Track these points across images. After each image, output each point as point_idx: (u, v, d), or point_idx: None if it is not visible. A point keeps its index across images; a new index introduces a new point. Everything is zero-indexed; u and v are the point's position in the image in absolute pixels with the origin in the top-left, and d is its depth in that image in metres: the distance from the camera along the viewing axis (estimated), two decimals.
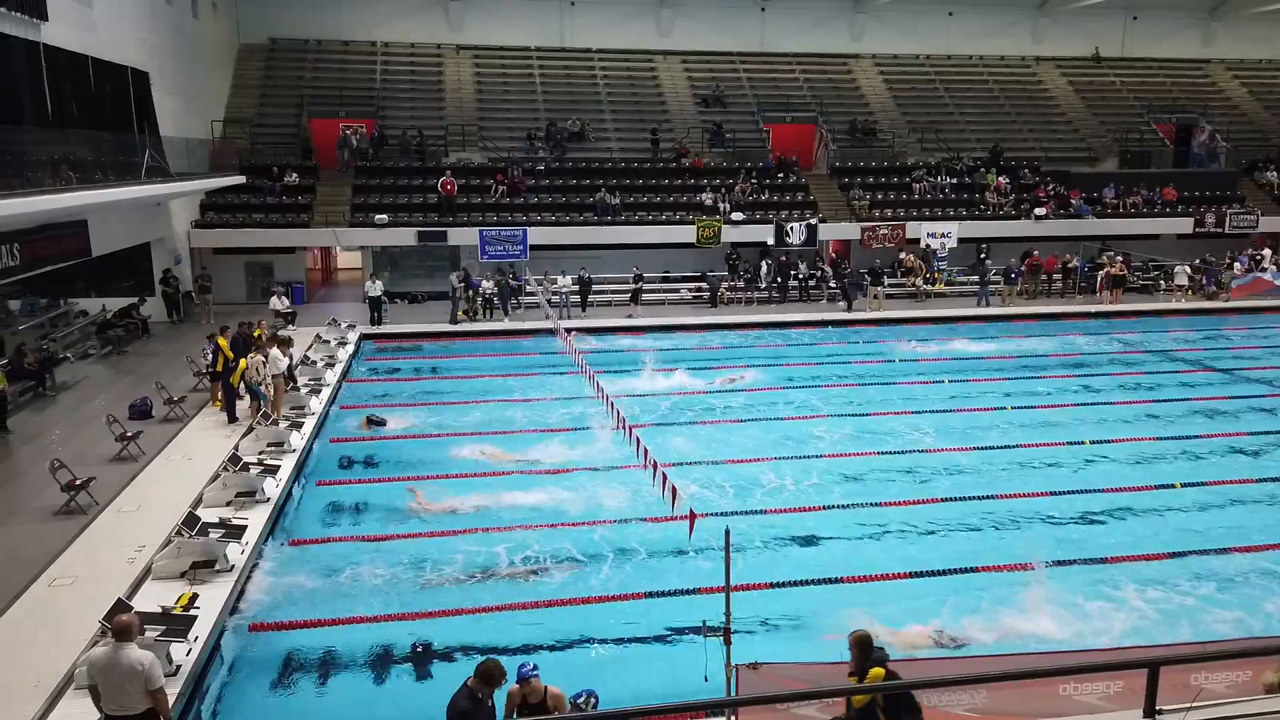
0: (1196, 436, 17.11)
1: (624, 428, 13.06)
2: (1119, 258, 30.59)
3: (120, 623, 7.35)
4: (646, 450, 11.57)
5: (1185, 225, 33.03)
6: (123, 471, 14.09)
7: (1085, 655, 8.54)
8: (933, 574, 11.63)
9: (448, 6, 36.47)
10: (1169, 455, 16.17)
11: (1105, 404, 19.37)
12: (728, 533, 7.54)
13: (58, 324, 23.46)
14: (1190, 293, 30.39)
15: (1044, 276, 30.96)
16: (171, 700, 7.94)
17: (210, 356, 17.28)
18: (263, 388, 16.43)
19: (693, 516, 9.62)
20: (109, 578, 10.56)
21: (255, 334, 18.58)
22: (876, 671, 6.67)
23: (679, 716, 7.52)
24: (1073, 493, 14.31)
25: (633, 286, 28.00)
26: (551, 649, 9.94)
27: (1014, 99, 39.07)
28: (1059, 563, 11.88)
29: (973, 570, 11.70)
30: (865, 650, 6.87)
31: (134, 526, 12.10)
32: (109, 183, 19.20)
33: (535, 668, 6.96)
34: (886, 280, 29.74)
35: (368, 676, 9.63)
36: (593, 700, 7.64)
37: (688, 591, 11.05)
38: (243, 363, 16.47)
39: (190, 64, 28.69)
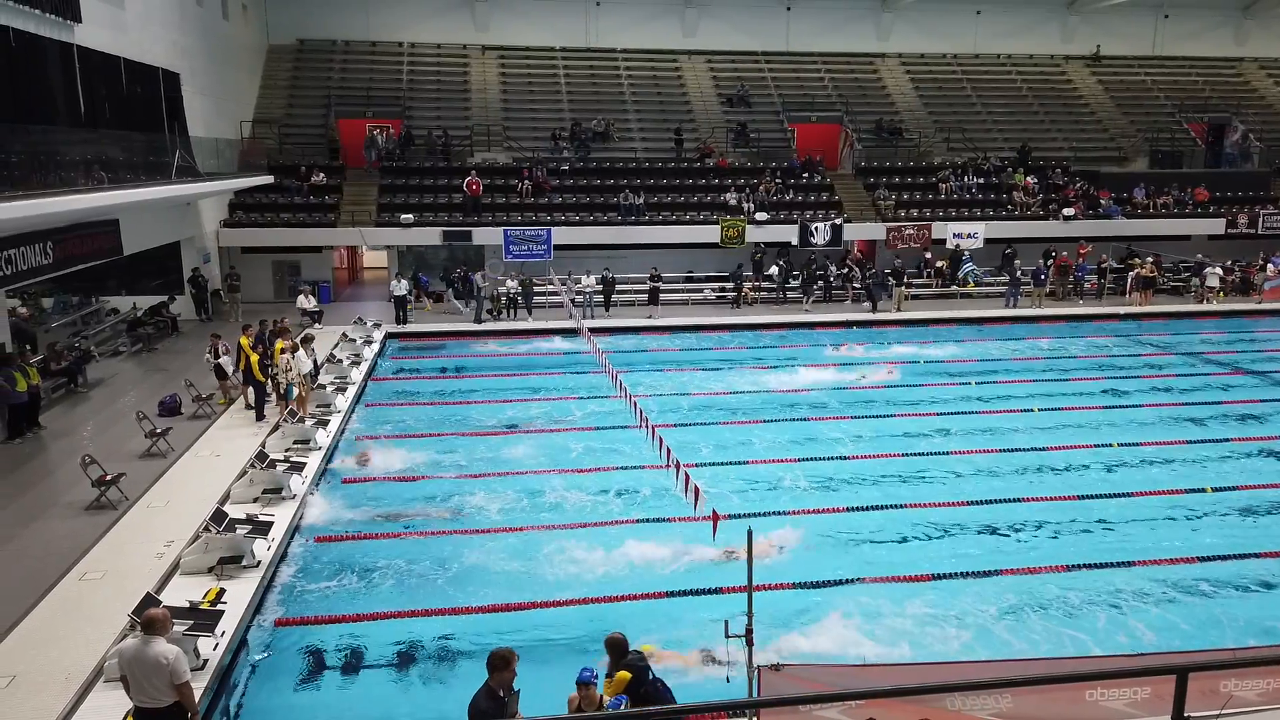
0: (1228, 440, 16.88)
1: (647, 427, 13.07)
2: (1149, 259, 30.22)
3: (149, 616, 7.46)
4: (669, 450, 11.57)
5: (1217, 226, 32.55)
6: (152, 467, 14.28)
7: (1112, 660, 8.44)
8: (958, 576, 11.54)
9: (474, 7, 36.66)
10: (1200, 459, 15.96)
11: (1133, 406, 19.15)
12: (750, 534, 7.52)
13: (89, 322, 23.81)
14: (1222, 294, 29.98)
15: (1071, 278, 30.64)
16: (199, 693, 8.04)
17: (222, 356, 17.50)
18: (294, 387, 16.58)
19: (716, 517, 9.62)
20: (138, 572, 10.72)
21: (278, 329, 18.71)
22: (623, 675, 6.69)
23: (701, 717, 7.51)
24: (1103, 497, 14.16)
25: (650, 286, 28.03)
26: (573, 648, 9.95)
27: (1042, 98, 38.70)
28: (1087, 566, 11.77)
29: (997, 573, 11.61)
30: (618, 652, 6.91)
31: (163, 522, 12.26)
32: (140, 182, 19.44)
33: (595, 675, 6.99)
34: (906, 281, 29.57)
35: (392, 671, 9.70)
36: (623, 705, 7.59)
37: (710, 591, 11.04)
38: (254, 356, 16.61)
39: (220, 65, 29.02)
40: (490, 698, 6.69)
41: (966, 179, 33.14)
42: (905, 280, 29.46)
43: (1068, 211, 31.54)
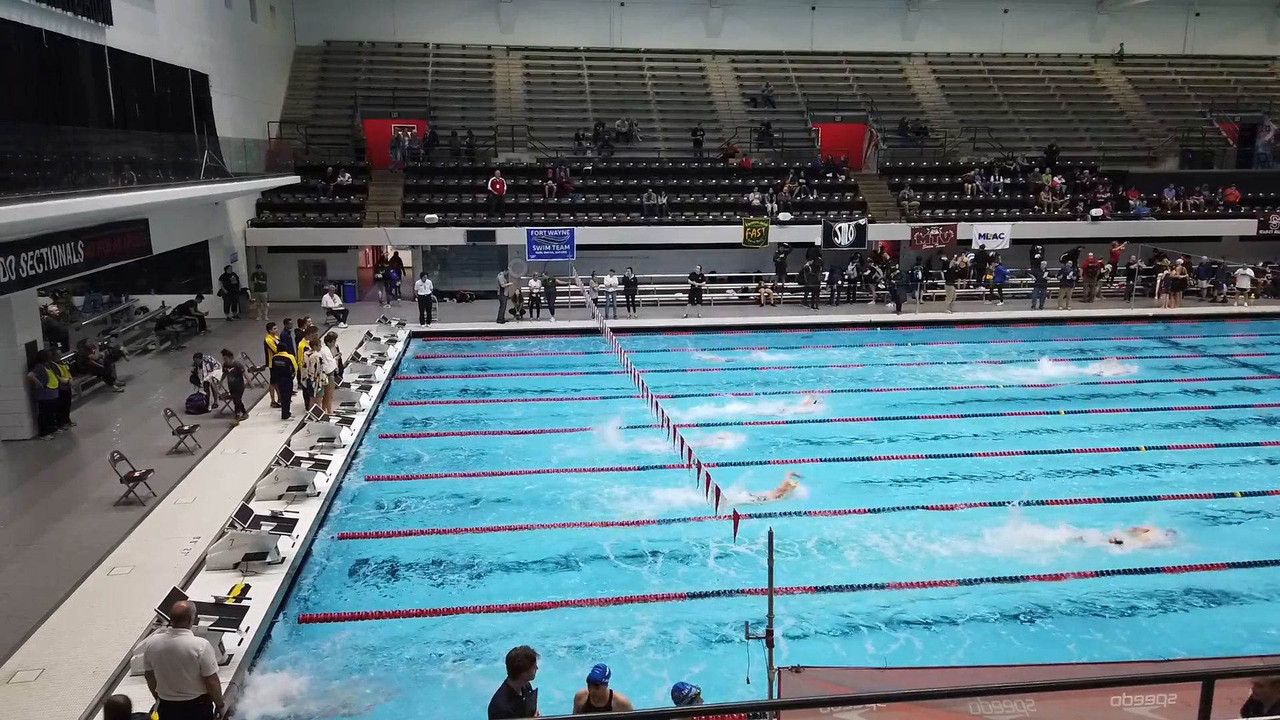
0: (1258, 444, 16.62)
1: (668, 427, 13.07)
2: (1179, 260, 29.83)
3: (178, 609, 7.57)
4: (690, 450, 11.57)
5: (1249, 227, 32.07)
6: (179, 464, 14.46)
7: (1138, 666, 8.35)
8: (978, 581, 11.45)
9: (499, 8, 36.80)
10: (1230, 463, 15.74)
11: (1163, 409, 18.91)
12: (771, 535, 7.49)
13: (119, 320, 24.12)
14: (1253, 296, 29.55)
15: (1101, 277, 30.28)
16: (224, 688, 8.13)
17: (210, 373, 17.69)
18: (318, 384, 16.73)
19: (736, 517, 9.60)
20: (165, 568, 10.86)
21: (305, 329, 18.87)
22: None
23: (720, 718, 7.49)
24: (1129, 500, 13.99)
25: (691, 285, 28.10)
26: (590, 647, 9.97)
27: (1071, 98, 38.29)
28: (1113, 572, 11.63)
29: (1023, 579, 11.50)
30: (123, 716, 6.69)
31: (189, 518, 12.41)
32: (169, 182, 19.70)
33: (608, 673, 6.97)
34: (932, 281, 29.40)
35: (415, 670, 9.74)
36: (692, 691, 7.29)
37: (731, 593, 11.03)
38: (288, 355, 16.77)
39: (248, 66, 29.32)
40: (510, 698, 6.71)
41: (993, 179, 32.87)
42: (939, 279, 29.26)
43: (1096, 212, 31.20)
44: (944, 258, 30.54)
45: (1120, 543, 12.38)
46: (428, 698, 9.27)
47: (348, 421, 16.46)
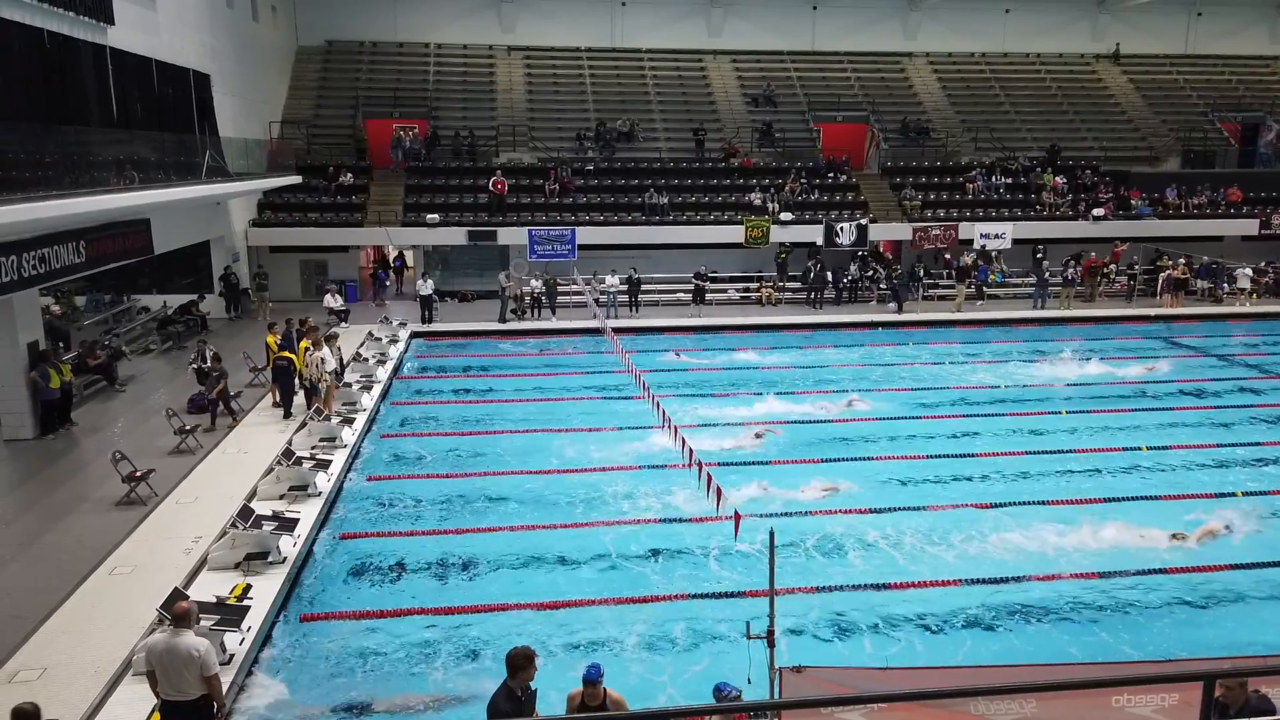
0: (1259, 444, 16.61)
1: (669, 426, 13.07)
2: (1180, 260, 29.81)
3: (180, 609, 7.57)
4: (692, 450, 11.57)
5: (1250, 227, 32.04)
6: (181, 464, 14.47)
7: (1139, 666, 8.36)
8: (980, 581, 11.45)
9: (500, 8, 36.82)
10: (1230, 463, 15.73)
11: (1164, 409, 18.90)
12: (772, 534, 7.49)
13: (120, 320, 24.14)
14: (1254, 296, 29.52)
15: (1105, 276, 30.27)
16: (225, 688, 8.14)
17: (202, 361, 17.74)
18: (321, 384, 16.73)
19: (738, 517, 9.59)
20: (167, 567, 10.86)
21: (306, 328, 18.88)
22: None
23: (721, 718, 7.48)
24: (1129, 499, 13.98)
25: (696, 285, 28.10)
26: (590, 647, 9.97)
27: (1073, 98, 38.26)
28: (1114, 573, 11.62)
29: (1026, 579, 11.50)
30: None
31: (191, 517, 12.42)
32: (170, 182, 19.70)
33: (601, 672, 6.97)
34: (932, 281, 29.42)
35: (415, 669, 9.74)
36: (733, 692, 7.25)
37: (732, 594, 11.03)
38: (296, 357, 16.80)
39: (250, 66, 29.33)
40: (509, 698, 6.71)
41: (994, 179, 32.85)
42: (941, 279, 29.25)
43: (1097, 212, 31.18)
44: (947, 256, 30.55)
45: (1184, 538, 12.46)
46: (434, 693, 9.25)
47: (349, 421, 16.47)
